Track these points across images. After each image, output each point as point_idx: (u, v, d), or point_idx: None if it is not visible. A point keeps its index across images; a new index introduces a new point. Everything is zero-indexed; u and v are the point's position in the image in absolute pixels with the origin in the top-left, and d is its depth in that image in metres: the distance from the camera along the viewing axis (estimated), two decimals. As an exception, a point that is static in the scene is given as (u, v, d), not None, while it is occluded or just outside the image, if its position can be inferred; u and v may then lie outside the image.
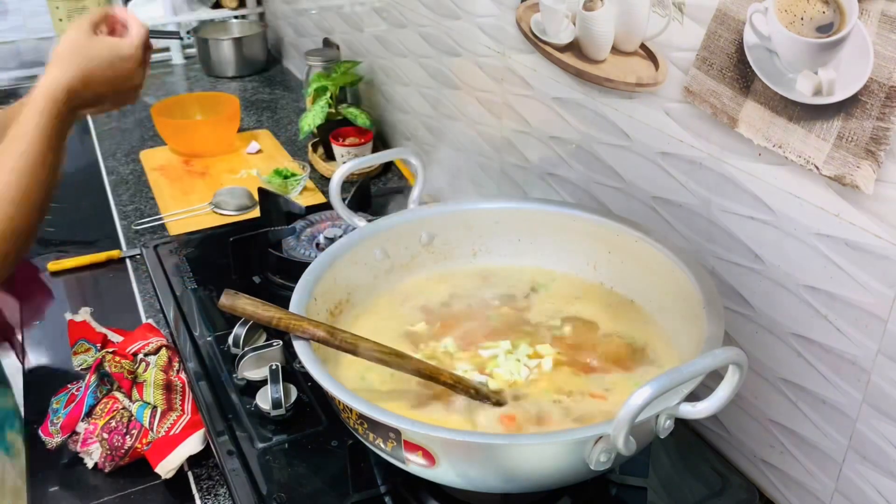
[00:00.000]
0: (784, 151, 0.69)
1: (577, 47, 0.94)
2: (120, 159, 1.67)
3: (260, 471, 0.79)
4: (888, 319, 0.64)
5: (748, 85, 0.71)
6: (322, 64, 1.66)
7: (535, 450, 0.59)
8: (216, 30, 2.26)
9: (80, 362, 0.99)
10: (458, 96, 1.28)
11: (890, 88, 0.59)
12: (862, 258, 0.65)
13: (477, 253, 0.91)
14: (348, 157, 1.53)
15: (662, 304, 0.79)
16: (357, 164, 0.86)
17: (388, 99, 1.60)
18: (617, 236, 0.83)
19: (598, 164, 0.97)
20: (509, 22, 1.06)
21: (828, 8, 0.62)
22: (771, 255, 0.74)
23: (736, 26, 0.71)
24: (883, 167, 0.61)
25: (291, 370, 0.91)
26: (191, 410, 0.92)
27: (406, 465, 0.63)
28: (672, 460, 0.82)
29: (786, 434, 0.78)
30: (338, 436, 0.83)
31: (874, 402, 0.67)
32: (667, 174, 0.85)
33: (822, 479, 0.75)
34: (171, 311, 1.05)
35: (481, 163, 1.27)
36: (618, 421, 0.53)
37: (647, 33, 0.82)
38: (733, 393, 0.57)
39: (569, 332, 0.80)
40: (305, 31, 2.03)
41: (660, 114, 0.83)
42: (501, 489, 0.64)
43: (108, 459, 0.88)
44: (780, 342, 0.75)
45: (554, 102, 1.02)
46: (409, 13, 1.39)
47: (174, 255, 1.21)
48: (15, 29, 2.57)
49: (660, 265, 0.78)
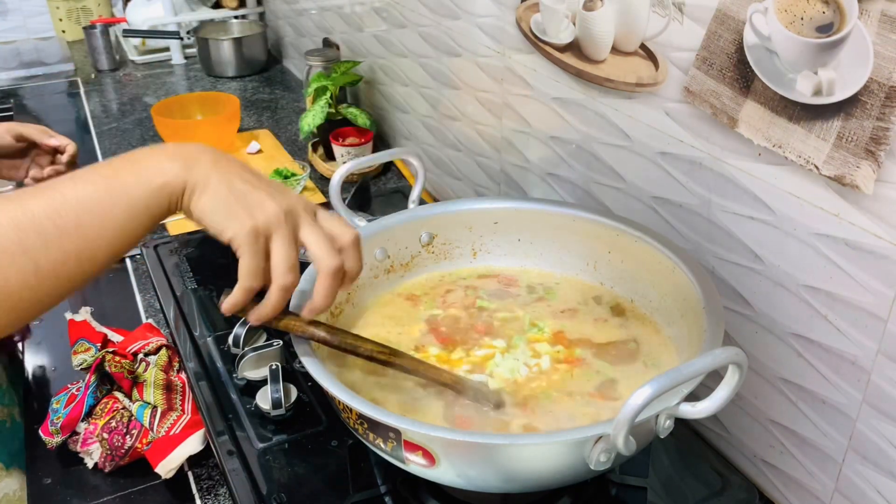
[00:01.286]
0: (784, 151, 0.69)
1: (577, 47, 0.94)
2: (120, 159, 1.67)
3: (260, 471, 0.79)
4: (888, 319, 0.64)
5: (748, 85, 0.71)
6: (322, 64, 1.66)
7: (535, 450, 0.59)
8: (216, 30, 2.26)
9: (80, 362, 0.98)
10: (458, 96, 1.28)
11: (890, 88, 0.59)
12: (862, 258, 0.65)
13: (477, 253, 0.91)
14: (348, 157, 1.53)
15: (662, 304, 0.79)
16: (357, 164, 0.86)
17: (388, 99, 1.60)
18: (617, 236, 0.83)
19: (598, 164, 0.97)
20: (509, 22, 1.06)
21: (828, 8, 0.62)
22: (771, 255, 0.74)
23: (736, 26, 0.71)
24: (883, 167, 0.61)
25: (291, 370, 0.91)
26: (191, 410, 0.92)
27: (406, 465, 0.63)
28: (672, 460, 0.82)
29: (786, 434, 0.78)
30: (338, 436, 0.83)
31: (874, 402, 0.67)
32: (667, 174, 0.85)
33: (822, 479, 0.75)
34: (171, 311, 1.05)
35: (481, 163, 1.27)
36: (618, 421, 0.53)
37: (647, 33, 0.82)
38: (733, 393, 0.57)
39: (568, 331, 0.80)
40: (305, 31, 2.03)
41: (660, 114, 0.83)
42: (501, 489, 0.64)
43: (108, 459, 0.88)
44: (780, 342, 0.75)
45: (554, 102, 1.02)
46: (409, 13, 1.39)
47: (174, 255, 1.21)
48: (15, 29, 2.57)
49: (660, 265, 0.78)
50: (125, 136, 1.79)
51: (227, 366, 0.92)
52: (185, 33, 2.27)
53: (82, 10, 2.52)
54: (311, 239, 0.64)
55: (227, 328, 0.96)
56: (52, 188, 0.57)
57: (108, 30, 2.23)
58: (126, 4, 2.40)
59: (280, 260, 0.63)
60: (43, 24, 2.58)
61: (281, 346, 0.91)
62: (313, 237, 0.64)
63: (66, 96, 2.09)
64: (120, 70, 2.26)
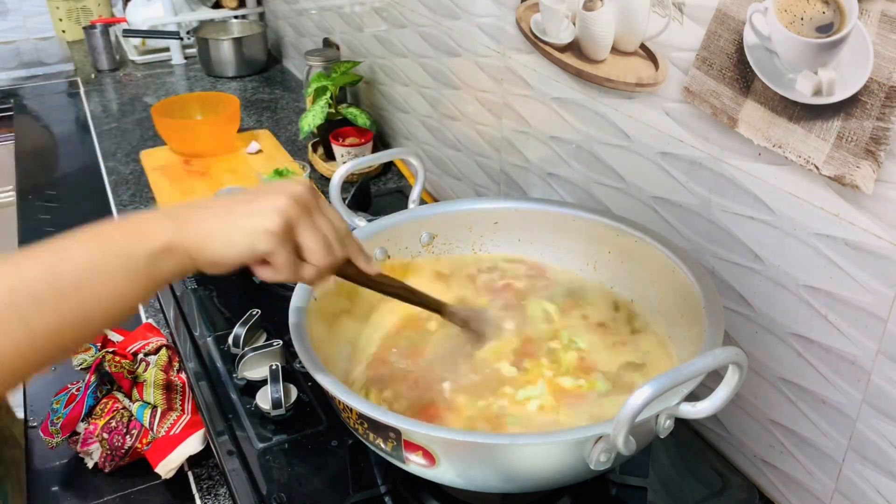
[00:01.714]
0: (784, 151, 0.69)
1: (577, 47, 0.94)
2: (120, 159, 1.67)
3: (260, 471, 0.79)
4: (888, 319, 0.64)
5: (748, 85, 0.71)
6: (322, 64, 1.66)
7: (535, 450, 0.59)
8: (216, 30, 2.26)
9: (80, 362, 0.98)
10: (458, 96, 1.28)
11: (890, 88, 0.59)
12: (862, 258, 0.65)
13: (477, 253, 0.91)
14: (348, 157, 1.53)
15: (662, 304, 0.79)
16: (357, 164, 0.86)
17: (388, 99, 1.60)
18: (617, 236, 0.83)
19: (598, 164, 0.97)
20: (509, 22, 1.06)
21: (828, 8, 0.62)
22: (771, 255, 0.74)
23: (736, 26, 0.71)
24: (883, 167, 0.61)
25: (291, 370, 0.91)
26: (191, 410, 0.92)
27: (406, 465, 0.63)
28: (672, 460, 0.82)
29: (786, 434, 0.78)
30: (338, 436, 0.83)
31: (874, 402, 0.67)
32: (667, 174, 0.85)
33: (822, 479, 0.75)
34: (171, 311, 1.05)
35: (481, 163, 1.27)
36: (618, 421, 0.53)
37: (647, 33, 0.82)
38: (733, 393, 0.57)
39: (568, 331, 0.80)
40: (305, 31, 2.03)
41: (660, 114, 0.83)
42: (501, 489, 0.64)
43: (108, 459, 0.88)
44: (780, 342, 0.75)
45: (554, 102, 1.02)
46: (409, 13, 1.39)
47: (174, 255, 1.20)
48: (15, 29, 2.57)
49: (660, 265, 0.78)
50: (125, 136, 1.79)
51: (227, 366, 0.92)
52: (185, 33, 2.27)
53: (82, 10, 2.52)
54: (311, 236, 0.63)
55: (227, 328, 0.96)
56: (47, 250, 0.55)
57: (108, 30, 2.23)
58: (126, 4, 2.40)
59: (314, 247, 0.61)
60: (43, 24, 2.58)
61: (281, 346, 0.91)
62: (315, 234, 0.63)
63: (65, 96, 2.09)
64: (120, 70, 2.26)
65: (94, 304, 0.55)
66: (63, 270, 0.54)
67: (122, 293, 0.56)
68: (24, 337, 0.52)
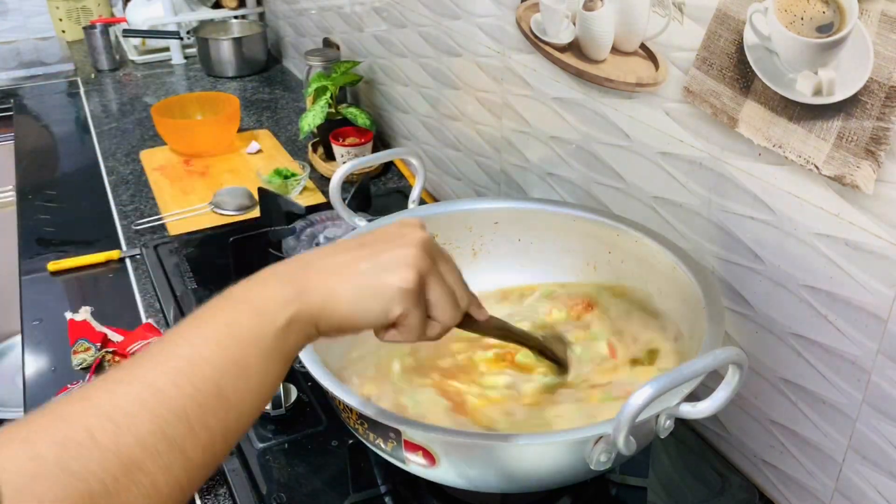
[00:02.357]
0: (784, 151, 0.69)
1: (577, 47, 0.94)
2: (120, 159, 1.67)
3: (260, 471, 0.79)
4: (888, 319, 0.64)
5: (748, 85, 0.71)
6: (322, 64, 1.66)
7: (536, 450, 0.59)
8: (216, 30, 2.26)
9: (80, 362, 0.99)
10: (458, 96, 1.28)
11: (890, 88, 0.59)
12: (862, 258, 0.65)
13: (477, 253, 0.91)
14: (348, 157, 1.53)
15: (662, 304, 0.79)
16: (357, 164, 0.86)
17: (388, 99, 1.60)
18: (617, 236, 0.83)
19: (598, 164, 0.97)
20: (509, 22, 1.06)
21: (828, 8, 0.62)
22: (771, 255, 0.74)
23: (736, 26, 0.71)
24: (883, 167, 0.61)
25: (291, 370, 0.91)
26: (191, 410, 0.91)
27: (406, 465, 0.63)
28: (672, 460, 0.82)
29: (786, 434, 0.78)
30: (338, 436, 0.83)
31: (874, 402, 0.67)
32: (667, 174, 0.85)
33: (822, 479, 0.75)
34: (171, 311, 1.05)
35: (481, 163, 1.27)
36: (618, 421, 0.53)
37: (647, 33, 0.82)
38: (733, 393, 0.57)
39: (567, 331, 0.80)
40: (305, 31, 2.03)
41: (660, 114, 0.83)
42: (501, 489, 0.64)
43: (108, 459, 0.88)
44: (780, 342, 0.75)
45: (554, 102, 1.02)
46: (409, 13, 1.39)
47: (174, 255, 1.21)
48: (15, 29, 2.57)
49: (660, 265, 0.78)
50: (125, 136, 1.79)
51: (227, 366, 0.92)
52: (184, 33, 2.27)
53: (82, 10, 2.52)
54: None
55: (227, 328, 0.96)
56: (173, 355, 0.46)
57: (108, 30, 2.23)
58: (126, 4, 2.40)
59: (444, 303, 0.55)
60: (43, 24, 2.58)
61: (281, 346, 0.91)
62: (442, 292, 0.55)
63: (65, 96, 2.09)
64: (120, 70, 2.25)
65: (240, 406, 0.47)
66: (201, 377, 0.45)
67: (262, 383, 0.48)
68: (180, 465, 0.43)
